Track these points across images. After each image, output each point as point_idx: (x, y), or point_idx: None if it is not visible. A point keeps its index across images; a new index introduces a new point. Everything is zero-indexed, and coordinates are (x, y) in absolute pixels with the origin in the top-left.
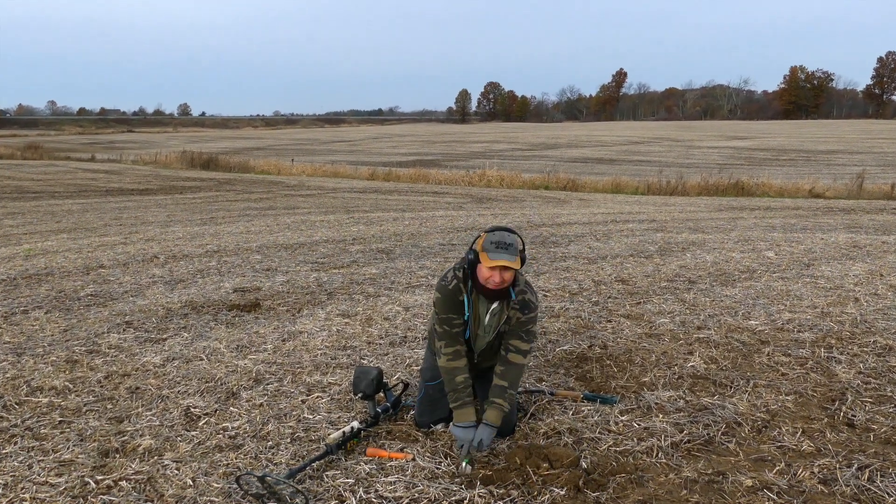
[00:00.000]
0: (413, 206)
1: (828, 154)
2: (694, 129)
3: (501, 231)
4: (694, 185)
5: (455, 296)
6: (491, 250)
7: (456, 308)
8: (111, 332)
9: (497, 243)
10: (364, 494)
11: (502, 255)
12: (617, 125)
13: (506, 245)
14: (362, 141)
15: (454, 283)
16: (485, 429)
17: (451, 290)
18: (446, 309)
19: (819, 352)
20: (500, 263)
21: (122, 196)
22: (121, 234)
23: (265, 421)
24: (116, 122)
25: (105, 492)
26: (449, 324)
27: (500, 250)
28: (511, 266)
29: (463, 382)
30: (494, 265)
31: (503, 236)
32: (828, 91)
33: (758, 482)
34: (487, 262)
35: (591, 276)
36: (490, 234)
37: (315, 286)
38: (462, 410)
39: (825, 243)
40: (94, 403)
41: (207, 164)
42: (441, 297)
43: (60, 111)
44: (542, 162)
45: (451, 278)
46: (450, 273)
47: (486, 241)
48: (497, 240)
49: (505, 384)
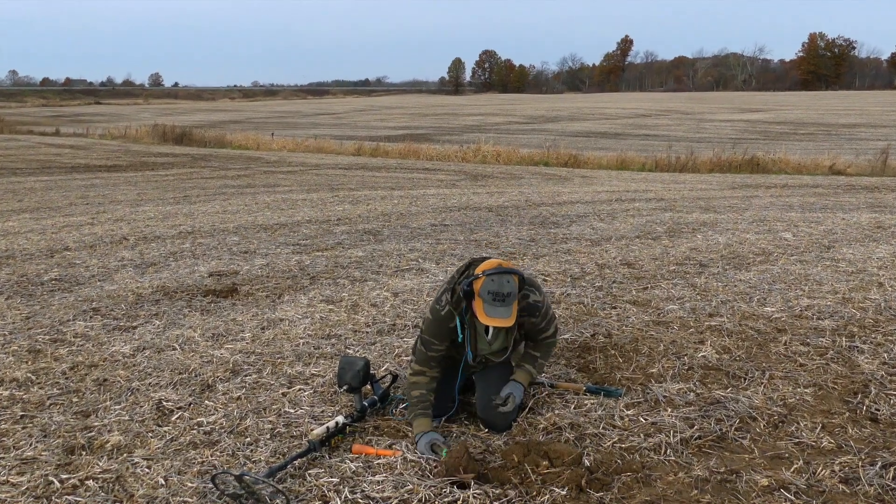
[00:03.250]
0: (402, 183)
1: (849, 128)
2: (705, 100)
3: (500, 276)
4: (705, 161)
5: (446, 322)
6: (488, 302)
7: (442, 334)
8: (77, 320)
9: (495, 294)
10: (350, 494)
11: (499, 309)
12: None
13: (503, 297)
14: (348, 114)
15: (447, 310)
16: (513, 384)
17: (443, 315)
18: (431, 332)
19: (840, 341)
20: (496, 324)
21: (88, 173)
22: (87, 213)
23: (243, 415)
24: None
25: (70, 491)
26: (428, 346)
27: (497, 304)
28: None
29: (418, 398)
30: (490, 324)
31: (501, 285)
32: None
33: (774, 481)
34: (483, 317)
35: (594, 259)
36: (488, 281)
37: (297, 270)
38: (417, 421)
39: (847, 224)
40: (59, 397)
41: (181, 139)
42: (431, 319)
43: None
44: (541, 136)
45: (444, 303)
46: (444, 296)
47: (483, 288)
48: (495, 290)
49: (537, 354)
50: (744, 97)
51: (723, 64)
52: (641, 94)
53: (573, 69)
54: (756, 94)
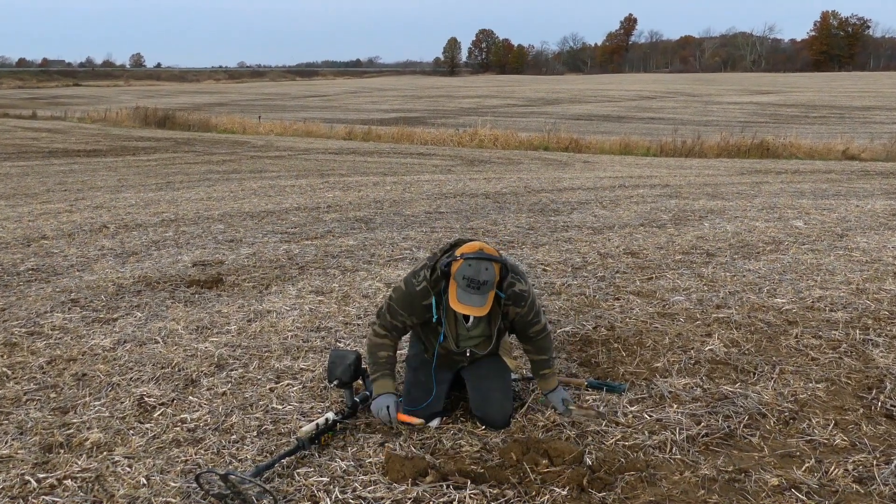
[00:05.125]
0: (395, 169)
1: (864, 111)
2: (712, 82)
3: (479, 262)
4: (712, 145)
5: (418, 298)
6: (462, 287)
7: (412, 309)
8: (55, 312)
9: (470, 280)
10: (340, 495)
11: (472, 297)
12: (626, 78)
13: (478, 285)
14: (338, 96)
15: (423, 286)
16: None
17: (417, 291)
18: (401, 303)
19: (854, 334)
20: (466, 311)
21: (67, 158)
22: (66, 200)
23: (228, 412)
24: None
25: (48, 491)
26: (394, 316)
27: (471, 290)
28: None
29: (384, 358)
30: (460, 310)
31: (478, 271)
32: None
33: (784, 481)
34: (454, 302)
35: (596, 248)
36: (465, 265)
37: (285, 259)
38: (381, 382)
39: (861, 211)
40: (36, 392)
41: (163, 122)
42: (404, 290)
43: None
44: (541, 119)
45: (421, 279)
46: (422, 271)
47: (459, 272)
48: (471, 275)
49: (544, 357)
50: (753, 78)
51: (731, 44)
52: (646, 76)
53: (574, 49)
54: (766, 75)
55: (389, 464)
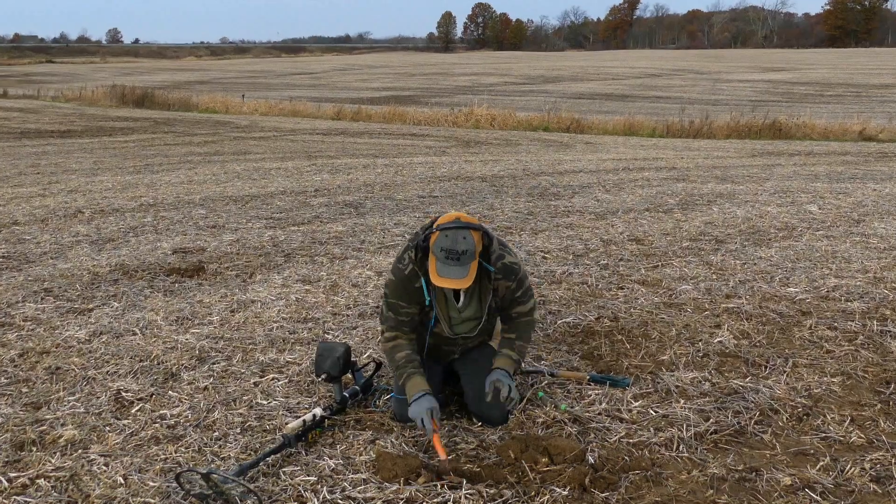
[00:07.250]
0: (387, 150)
1: (881, 89)
2: (722, 59)
3: (455, 231)
4: (722, 125)
5: (410, 282)
6: (440, 260)
7: (408, 296)
8: (27, 302)
9: (448, 252)
10: (328, 495)
11: (452, 269)
12: (630, 54)
13: (457, 255)
14: (326, 73)
15: (410, 268)
16: (496, 372)
17: (406, 275)
18: (396, 294)
19: (871, 325)
20: (447, 285)
21: (39, 139)
22: (38, 184)
23: (210, 407)
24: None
25: (20, 491)
26: (395, 310)
27: (451, 262)
28: (461, 287)
29: (405, 357)
30: (440, 284)
31: (455, 241)
32: (881, 14)
33: (798, 480)
34: (434, 276)
35: (599, 234)
36: (441, 236)
37: (270, 246)
38: (411, 382)
39: (878, 195)
40: (7, 387)
41: (142, 101)
42: (394, 280)
43: None
44: (540, 98)
45: (406, 261)
46: (406, 254)
47: (437, 244)
48: (448, 246)
49: (512, 336)
50: (764, 55)
51: (741, 18)
52: (651, 52)
53: (576, 24)
54: (778, 51)
55: (380, 462)
